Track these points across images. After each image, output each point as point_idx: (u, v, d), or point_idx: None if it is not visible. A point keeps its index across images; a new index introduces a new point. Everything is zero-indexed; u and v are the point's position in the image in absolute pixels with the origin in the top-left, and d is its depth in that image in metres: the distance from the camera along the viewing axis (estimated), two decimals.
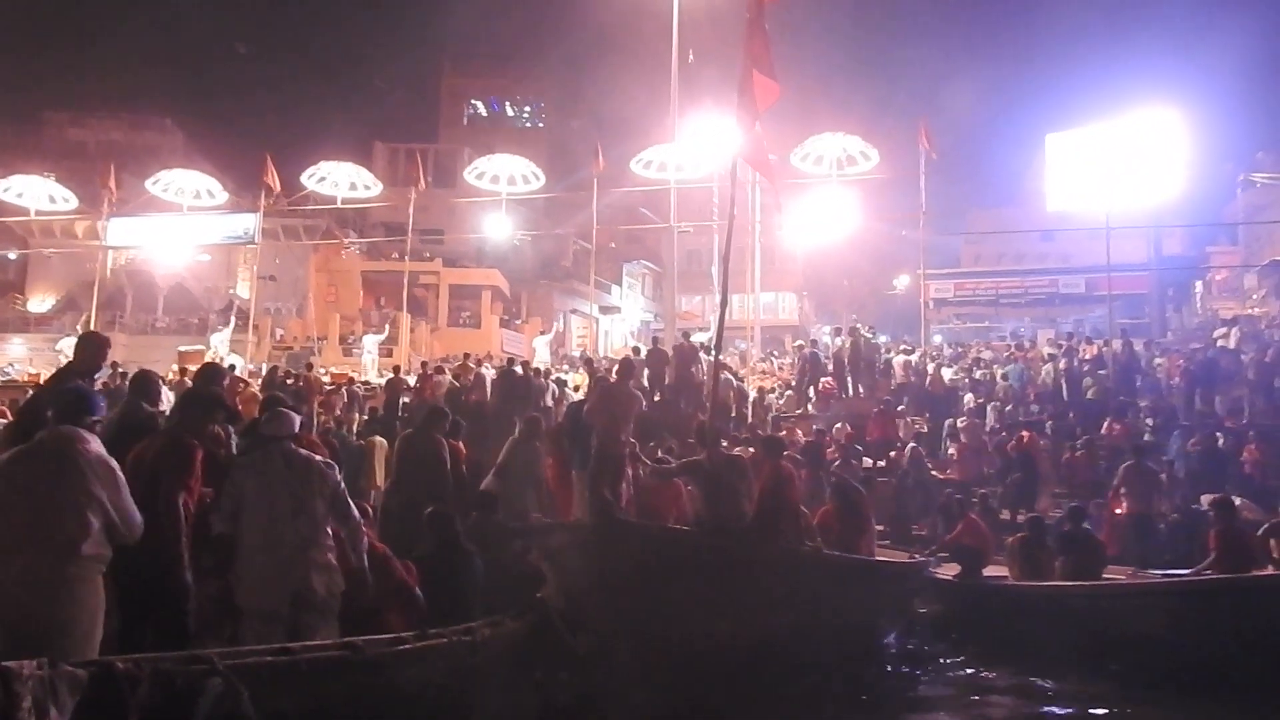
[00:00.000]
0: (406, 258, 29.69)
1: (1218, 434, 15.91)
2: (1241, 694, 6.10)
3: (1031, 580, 8.77)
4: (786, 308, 42.10)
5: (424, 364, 20.34)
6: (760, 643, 6.09)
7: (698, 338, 23.63)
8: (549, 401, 16.65)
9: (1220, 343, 25.04)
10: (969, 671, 7.85)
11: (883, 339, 32.93)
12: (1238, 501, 12.76)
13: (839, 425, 16.74)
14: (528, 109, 50.53)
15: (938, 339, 31.00)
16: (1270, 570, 7.75)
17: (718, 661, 5.88)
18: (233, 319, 28.33)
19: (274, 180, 26.49)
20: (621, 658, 5.88)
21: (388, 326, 28.53)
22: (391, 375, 19.43)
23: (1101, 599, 7.85)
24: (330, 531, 5.02)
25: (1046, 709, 6.71)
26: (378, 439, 13.97)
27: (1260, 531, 8.39)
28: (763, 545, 6.82)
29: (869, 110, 38.88)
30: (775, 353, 30.14)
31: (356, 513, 5.20)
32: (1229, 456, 15.22)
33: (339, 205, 29.17)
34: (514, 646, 5.68)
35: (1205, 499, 14.16)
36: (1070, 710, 6.64)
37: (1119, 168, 29.58)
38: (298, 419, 5.30)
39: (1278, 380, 18.20)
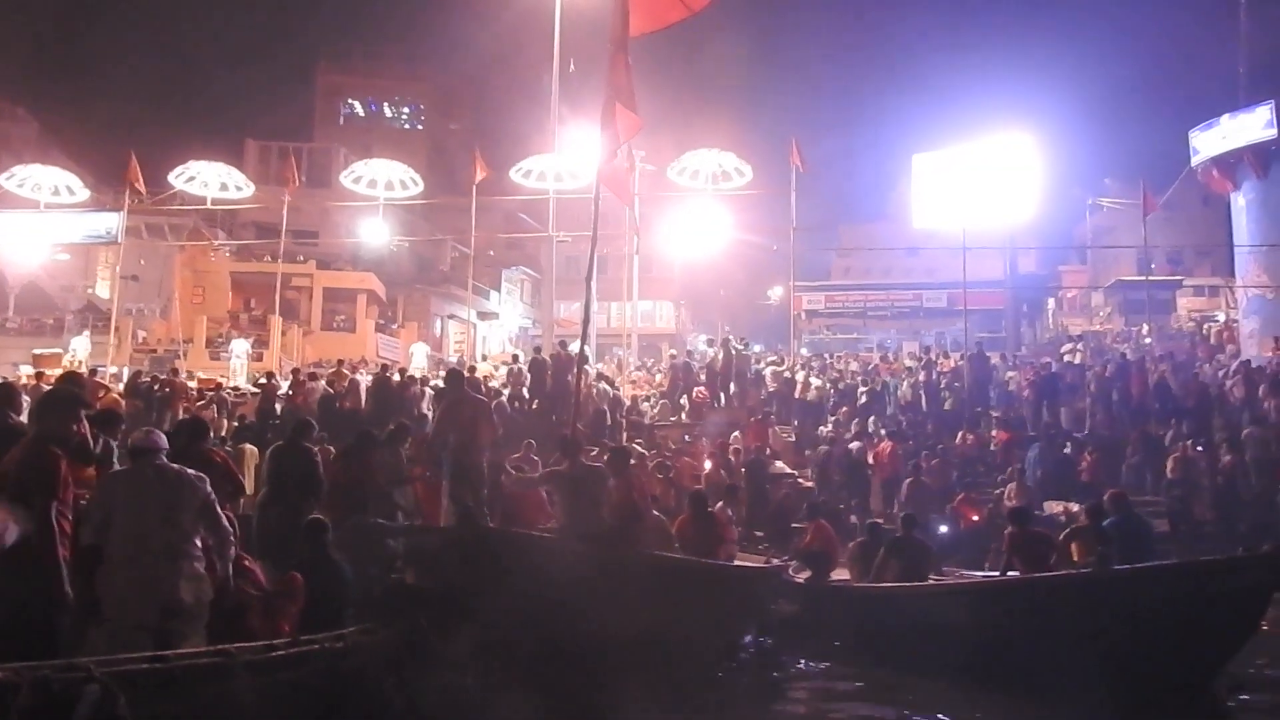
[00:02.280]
0: (279, 259, 29.08)
1: (1065, 444, 17.07)
2: (1033, 682, 6.70)
3: (868, 582, 9.41)
4: (664, 316, 42.79)
5: (296, 370, 20.05)
6: (621, 643, 6.41)
7: (575, 347, 23.92)
8: (425, 409, 16.65)
9: (1067, 357, 26.76)
10: (816, 666, 8.39)
11: (757, 348, 33.89)
12: (1075, 507, 13.91)
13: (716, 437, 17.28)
14: (406, 110, 49.82)
15: (805, 351, 32.02)
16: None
17: (582, 663, 6.18)
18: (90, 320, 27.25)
19: (139, 181, 25.55)
20: (490, 661, 6.12)
21: (240, 342, 27.73)
22: (264, 381, 19.09)
23: (922, 599, 8.49)
24: (200, 542, 5.10)
25: (879, 698, 7.22)
26: (248, 446, 13.81)
27: (1061, 536, 9.19)
28: (620, 551, 7.14)
29: (743, 128, 40.10)
30: (651, 361, 30.63)
31: (226, 524, 5.29)
32: (1072, 464, 16.29)
33: (209, 206, 28.35)
34: (386, 652, 5.87)
35: (1049, 505, 15.32)
36: (897, 701, 7.17)
37: (979, 188, 31.25)
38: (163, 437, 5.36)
39: (1115, 393, 19.52)
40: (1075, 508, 13.94)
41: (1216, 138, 30.26)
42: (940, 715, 6.50)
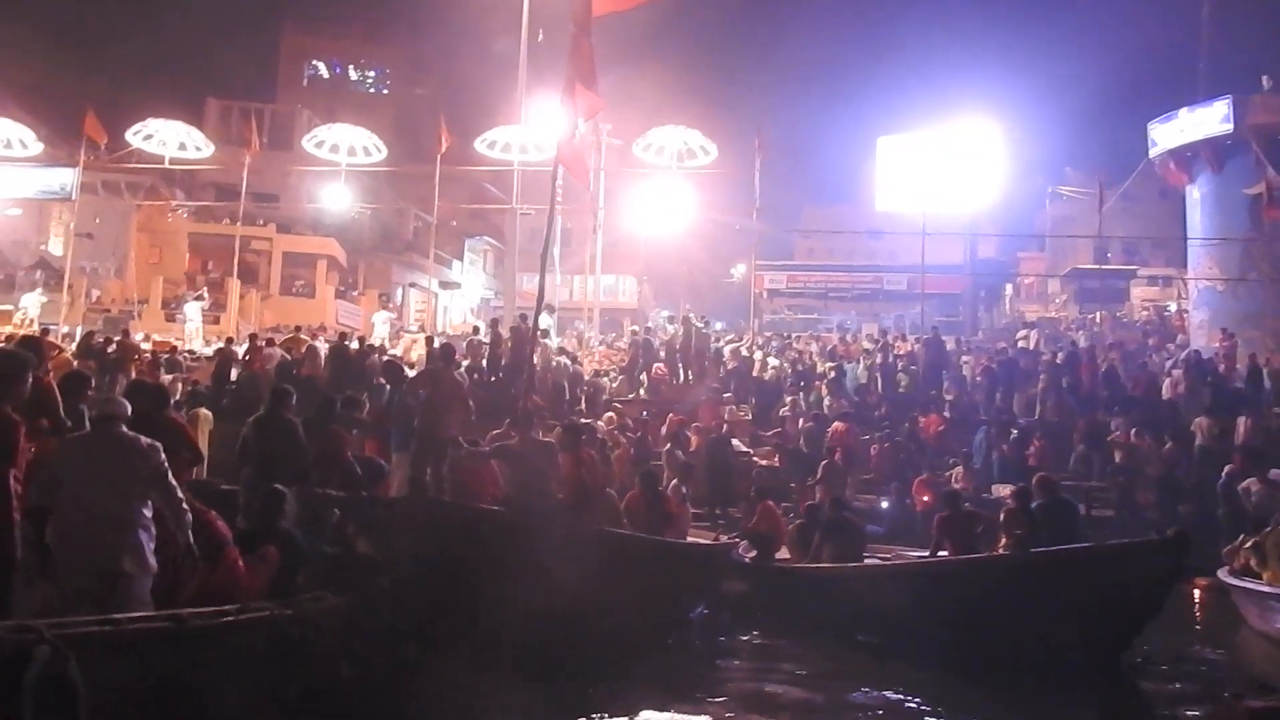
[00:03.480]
0: (239, 222, 28.71)
1: (1012, 429, 17.40)
2: (959, 657, 6.98)
3: (806, 562, 9.73)
4: (627, 291, 42.79)
5: (253, 335, 19.87)
6: (570, 617, 6.53)
7: (543, 320, 23.92)
8: (383, 379, 16.58)
9: (1021, 343, 27.19)
10: (760, 641, 8.60)
11: (718, 326, 34.11)
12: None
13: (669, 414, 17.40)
14: (372, 74, 49.14)
15: (766, 331, 32.27)
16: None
17: (531, 635, 6.28)
18: (40, 276, 26.78)
19: (99, 134, 25.07)
20: (440, 632, 6.21)
21: (204, 291, 27.41)
22: (222, 345, 18.90)
23: (851, 579, 8.88)
24: (150, 511, 5.11)
25: (816, 672, 7.41)
26: (202, 411, 13.69)
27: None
28: (568, 525, 7.26)
29: (710, 107, 40.08)
30: (613, 335, 30.70)
31: (178, 492, 5.31)
32: (1021, 449, 16.55)
33: (167, 165, 27.89)
34: (336, 621, 5.93)
35: (996, 489, 15.65)
36: (835, 673, 7.38)
37: (942, 173, 31.57)
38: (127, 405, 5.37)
39: (1066, 380, 19.89)
40: None
41: (1174, 131, 30.72)
42: (865, 688, 6.70)
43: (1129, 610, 6.30)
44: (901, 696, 6.41)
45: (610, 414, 16.68)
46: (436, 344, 17.29)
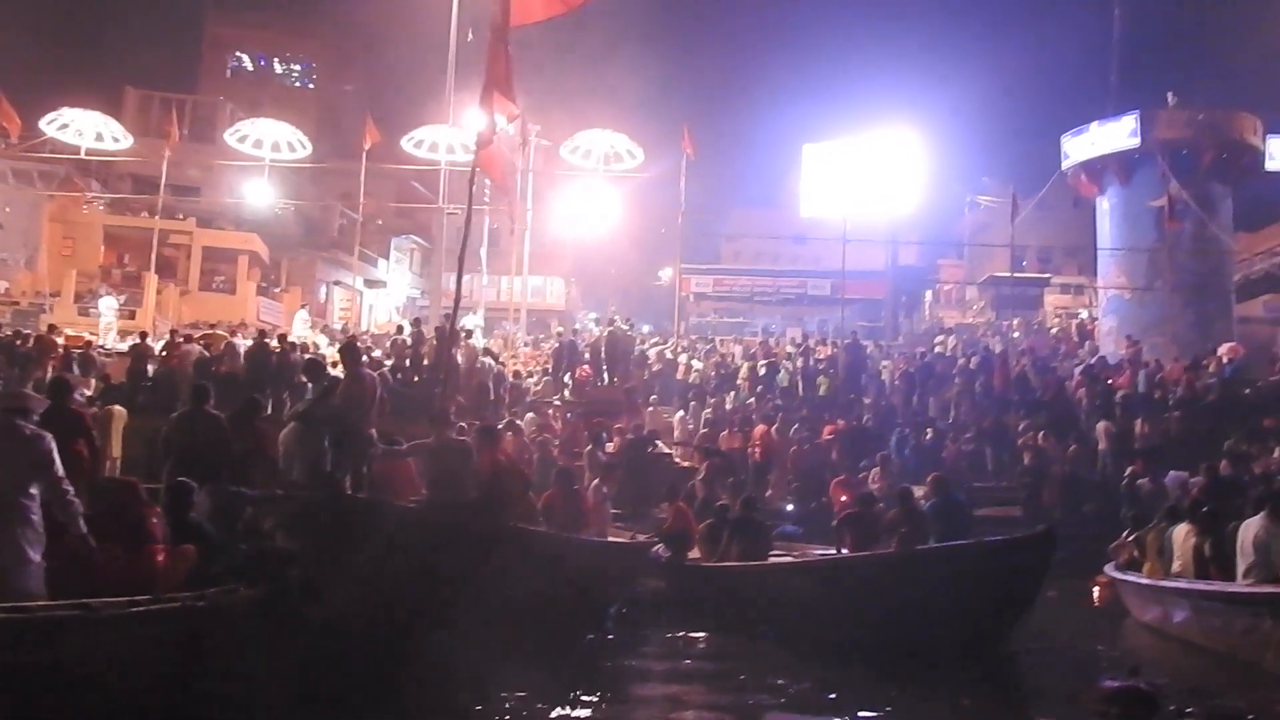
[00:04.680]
0: (157, 215, 28.07)
1: (928, 431, 17.90)
2: (856, 648, 7.30)
3: (715, 560, 10.03)
4: (555, 292, 42.74)
5: (174, 331, 19.49)
6: (485, 611, 6.64)
7: (464, 322, 23.88)
8: (303, 377, 16.42)
9: (938, 348, 27.91)
10: (672, 637, 8.80)
11: (646, 328, 34.34)
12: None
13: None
14: (298, 68, 48.21)
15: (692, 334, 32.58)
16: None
17: (444, 629, 6.38)
18: None
19: (11, 120, 24.30)
20: (352, 626, 6.26)
21: (107, 287, 26.69)
22: (137, 341, 18.50)
23: (755, 577, 9.26)
24: (38, 502, 5.08)
25: (723, 667, 7.63)
26: (116, 408, 13.47)
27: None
28: (482, 523, 7.36)
29: (638, 111, 40.27)
30: (540, 336, 30.73)
31: (64, 482, 5.25)
32: (935, 451, 17.02)
33: (83, 156, 27.15)
34: (248, 613, 5.95)
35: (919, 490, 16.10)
36: (739, 668, 7.60)
37: (865, 180, 32.29)
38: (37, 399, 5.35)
39: (979, 384, 20.53)
40: None
41: (1086, 144, 31.76)
42: (770, 680, 6.94)
43: (1005, 601, 6.67)
44: (801, 688, 6.65)
45: (531, 414, 16.78)
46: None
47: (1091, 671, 6.39)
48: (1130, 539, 10.46)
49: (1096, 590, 11.24)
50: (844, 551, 9.27)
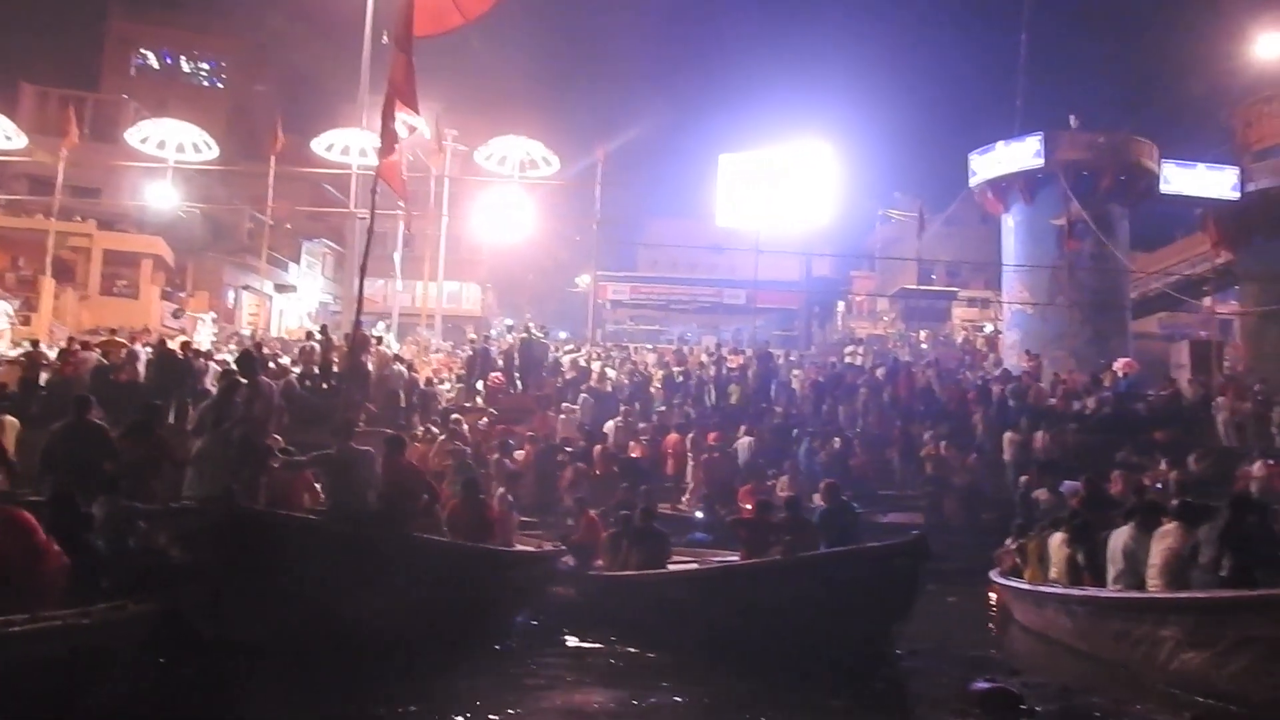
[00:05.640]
0: (53, 216, 27.13)
1: (835, 439, 18.27)
2: (748, 652, 7.48)
3: (614, 569, 10.21)
4: (470, 298, 42.52)
5: (71, 338, 18.88)
6: (386, 623, 6.63)
7: (377, 328, 23.65)
8: (208, 384, 16.09)
9: (849, 358, 28.53)
10: (576, 645, 8.89)
11: (562, 335, 34.35)
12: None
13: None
14: (206, 66, 46.90)
15: (608, 342, 32.70)
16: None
17: (346, 642, 6.35)
18: None
19: None
20: (249, 641, 6.19)
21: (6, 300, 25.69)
22: (30, 348, 17.88)
23: (650, 585, 9.45)
24: None
25: (622, 674, 7.74)
26: (7, 418, 12.98)
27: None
28: (384, 533, 7.35)
29: (555, 118, 40.33)
30: (452, 343, 30.51)
31: None
32: (843, 459, 17.38)
33: None
34: (137, 630, 5.86)
35: (817, 497, 16.41)
36: (636, 674, 7.73)
37: (780, 191, 32.83)
38: None
39: (886, 394, 21.03)
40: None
41: (992, 162, 32.75)
42: (667, 686, 7.09)
43: (880, 606, 6.93)
44: (690, 695, 6.78)
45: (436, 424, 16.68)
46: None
47: (968, 673, 6.66)
48: (1013, 546, 10.94)
49: (994, 595, 11.68)
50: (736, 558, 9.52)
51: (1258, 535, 7.10)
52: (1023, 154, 31.54)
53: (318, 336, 19.60)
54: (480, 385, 20.24)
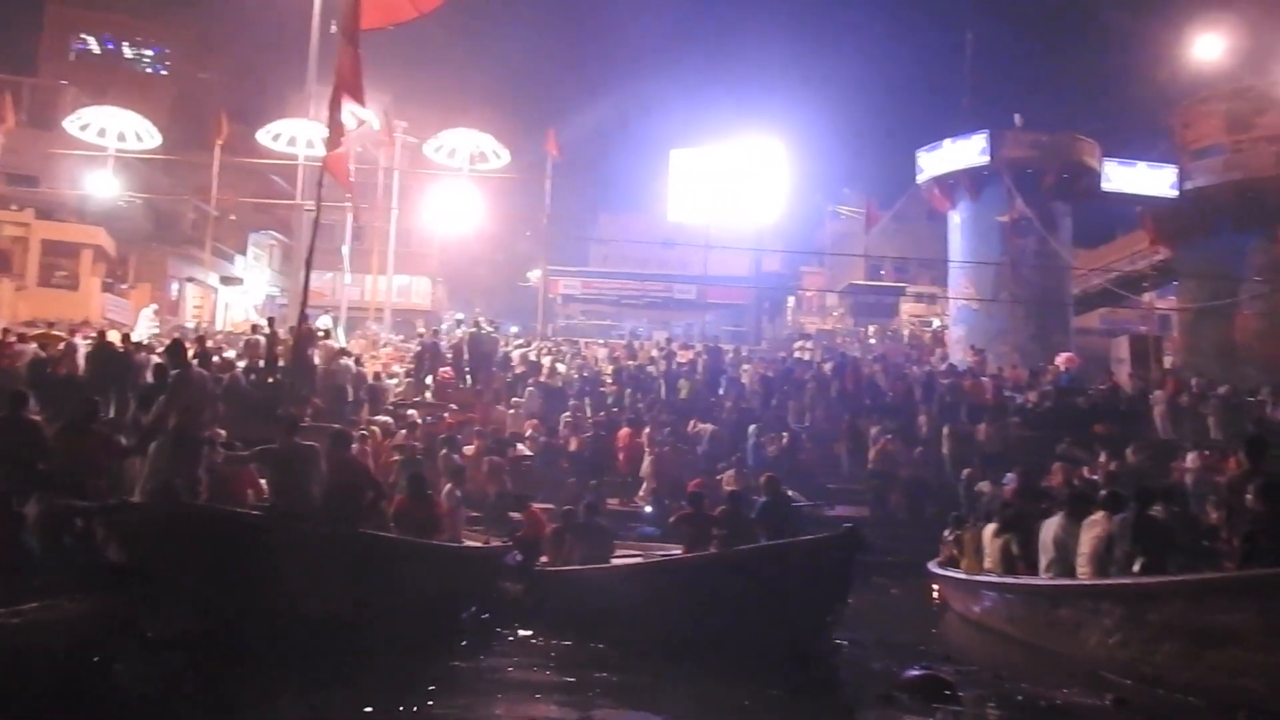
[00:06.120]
0: None
1: (783, 434, 18.44)
2: (687, 644, 7.55)
3: (558, 564, 10.26)
4: (421, 292, 42.19)
5: (6, 330, 18.44)
6: (332, 618, 6.61)
7: (323, 321, 23.39)
8: (149, 378, 15.80)
9: (798, 353, 28.77)
10: (525, 638, 8.91)
11: (513, 329, 34.23)
12: (790, 492, 15.19)
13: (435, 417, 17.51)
14: (150, 53, 45.86)
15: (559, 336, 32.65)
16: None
17: (290, 639, 6.30)
18: None
19: None
20: (194, 637, 6.15)
21: None
22: None
23: (591, 580, 9.57)
24: None
25: (568, 667, 7.79)
26: None
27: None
28: (328, 529, 7.32)
29: (506, 112, 40.10)
30: (401, 337, 30.27)
31: None
32: (792, 453, 17.58)
33: None
34: (73, 627, 5.79)
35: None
36: (579, 668, 7.78)
37: (731, 187, 33.02)
38: None
39: (834, 388, 21.25)
40: (789, 492, 15.27)
41: (939, 159, 33.06)
42: (609, 679, 7.15)
43: (815, 598, 7.04)
44: (630, 689, 6.86)
45: (387, 419, 16.59)
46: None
47: (905, 662, 6.81)
48: (951, 538, 11.19)
49: (937, 587, 11.91)
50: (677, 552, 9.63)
51: (1165, 527, 7.43)
52: (969, 151, 31.86)
53: (264, 330, 19.34)
54: (430, 380, 20.12)
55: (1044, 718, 5.95)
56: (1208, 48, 34.06)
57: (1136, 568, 7.10)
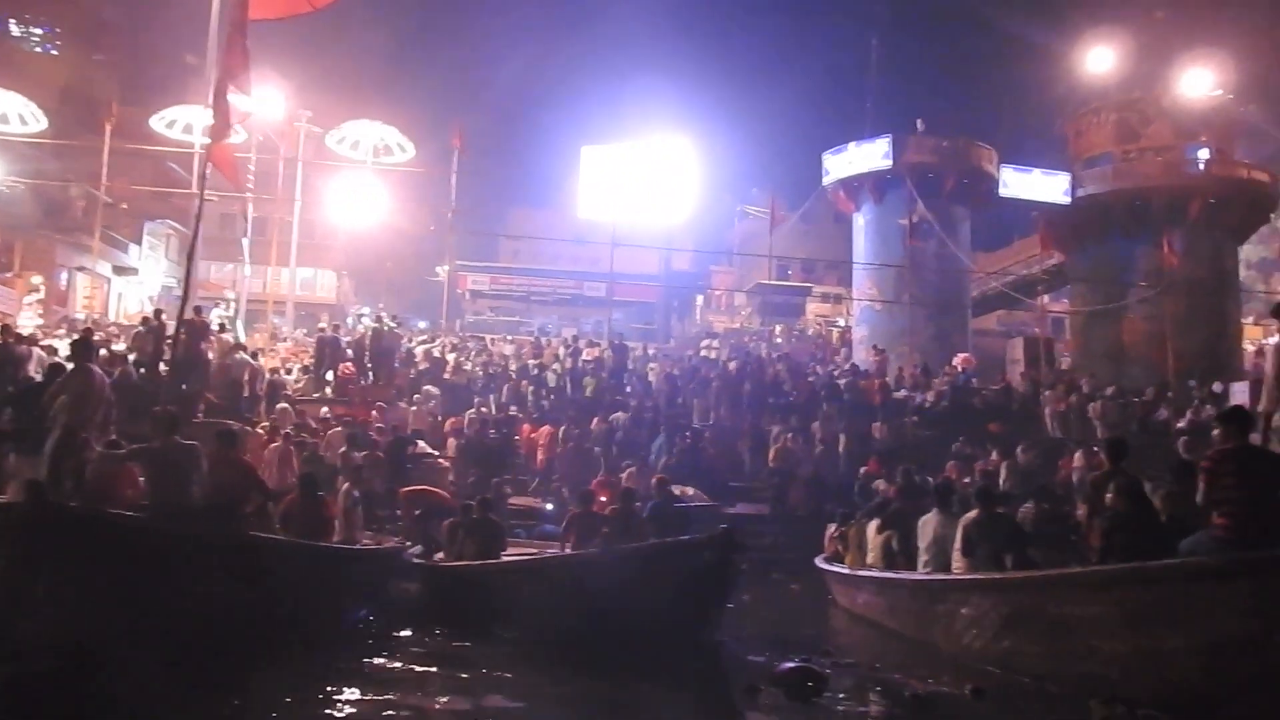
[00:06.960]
0: None
1: (688, 433, 18.60)
2: (575, 642, 7.64)
3: (453, 559, 10.26)
4: (325, 285, 41.42)
5: None
6: (212, 623, 6.46)
7: (218, 313, 22.80)
8: (32, 371, 15.21)
9: (705, 352, 29.06)
10: (418, 636, 8.84)
11: (422, 325, 33.86)
12: (690, 490, 15.37)
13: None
14: (39, 31, 44.01)
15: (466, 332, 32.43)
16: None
17: (169, 646, 6.13)
18: None
19: None
20: (64, 645, 5.94)
21: None
22: None
23: (478, 575, 9.61)
24: None
25: (458, 664, 7.76)
26: None
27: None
28: (203, 529, 7.13)
29: (410, 105, 39.54)
30: (306, 331, 29.69)
31: None
32: (696, 452, 17.70)
33: None
34: None
35: (674, 488, 16.71)
36: (468, 665, 7.77)
37: (641, 185, 33.08)
38: None
39: (738, 387, 21.49)
40: (691, 491, 15.46)
41: (844, 162, 33.73)
42: (496, 676, 7.16)
43: (695, 597, 7.15)
44: (513, 686, 6.86)
45: (285, 409, 16.29)
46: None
47: (785, 656, 6.95)
48: (836, 534, 11.49)
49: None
50: (567, 549, 9.71)
51: (1013, 523, 8.03)
52: (873, 155, 32.56)
53: (153, 322, 18.74)
54: (330, 376, 19.77)
55: (904, 707, 6.14)
56: (1099, 60, 35.44)
57: (1009, 562, 7.43)
